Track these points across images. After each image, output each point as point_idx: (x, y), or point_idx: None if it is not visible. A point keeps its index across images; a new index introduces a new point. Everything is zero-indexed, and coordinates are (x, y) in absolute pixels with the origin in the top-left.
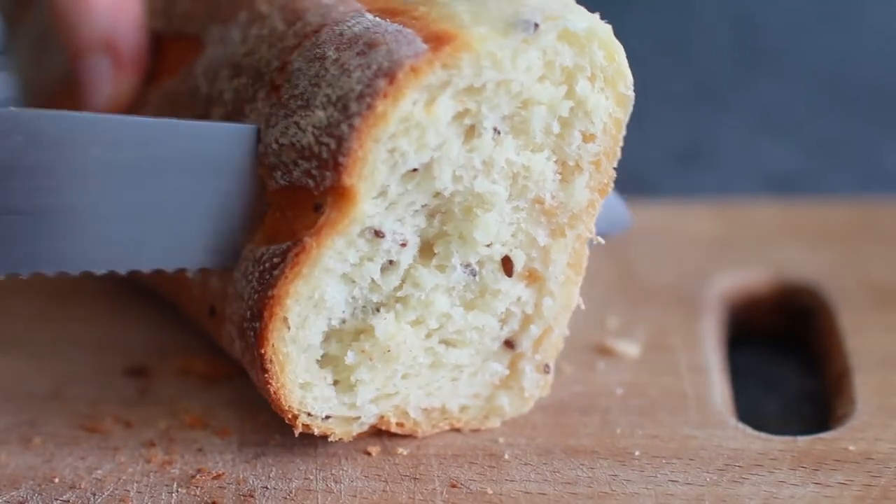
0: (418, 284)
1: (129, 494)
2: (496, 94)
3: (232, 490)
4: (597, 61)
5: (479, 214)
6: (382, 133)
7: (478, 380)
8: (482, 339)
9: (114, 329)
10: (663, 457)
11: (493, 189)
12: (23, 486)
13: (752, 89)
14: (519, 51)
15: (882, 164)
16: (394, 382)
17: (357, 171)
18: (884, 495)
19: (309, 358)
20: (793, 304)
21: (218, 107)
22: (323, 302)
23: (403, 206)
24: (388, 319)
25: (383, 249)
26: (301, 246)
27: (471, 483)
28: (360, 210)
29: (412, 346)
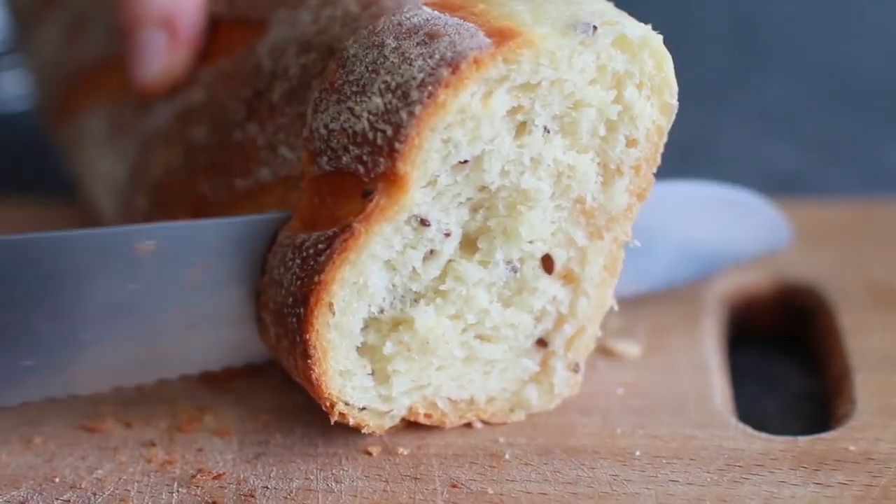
0: (461, 279)
1: (129, 494)
2: (550, 93)
3: (232, 490)
4: (646, 69)
5: (523, 211)
6: (440, 122)
7: (508, 375)
8: (516, 335)
9: None
10: (664, 457)
11: (538, 186)
12: (23, 486)
13: (753, 88)
14: (576, 52)
15: (882, 163)
16: (428, 374)
17: (412, 158)
18: (884, 495)
19: (349, 345)
20: (793, 304)
21: (282, 81)
22: (366, 288)
23: (450, 196)
24: (429, 312)
25: (427, 238)
26: (350, 231)
27: (471, 483)
28: (410, 198)
29: (449, 340)
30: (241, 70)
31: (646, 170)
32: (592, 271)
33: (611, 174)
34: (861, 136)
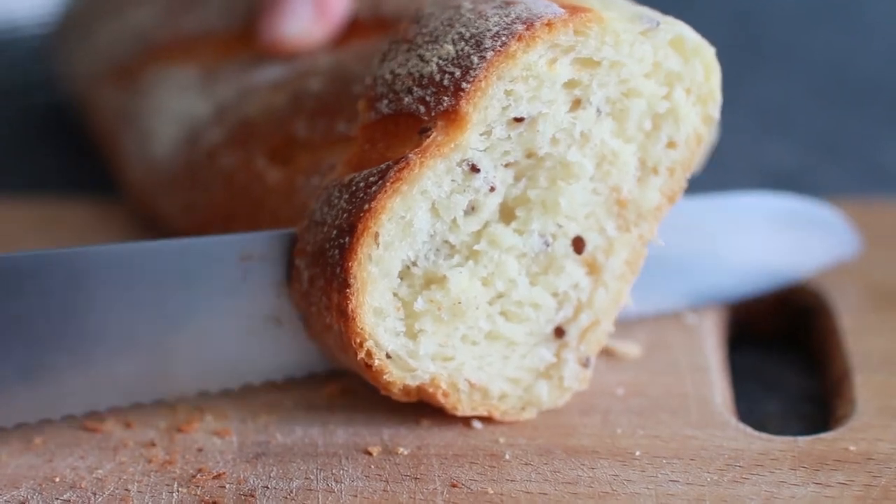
0: (495, 242)
1: (129, 494)
2: (608, 74)
3: (232, 490)
4: (696, 76)
5: (564, 186)
6: (508, 72)
7: (526, 362)
8: (538, 318)
9: None
10: (664, 457)
11: (582, 163)
12: (23, 486)
13: (752, 87)
14: (637, 40)
15: (882, 163)
16: (453, 343)
17: (475, 99)
18: (884, 496)
19: (387, 285)
20: (793, 305)
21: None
22: (410, 227)
23: (500, 153)
24: (463, 273)
25: (473, 187)
26: (405, 162)
27: (471, 483)
28: (466, 138)
29: (479, 305)
30: (377, 50)
31: (680, 174)
32: (616, 263)
33: (647, 171)
34: (861, 135)
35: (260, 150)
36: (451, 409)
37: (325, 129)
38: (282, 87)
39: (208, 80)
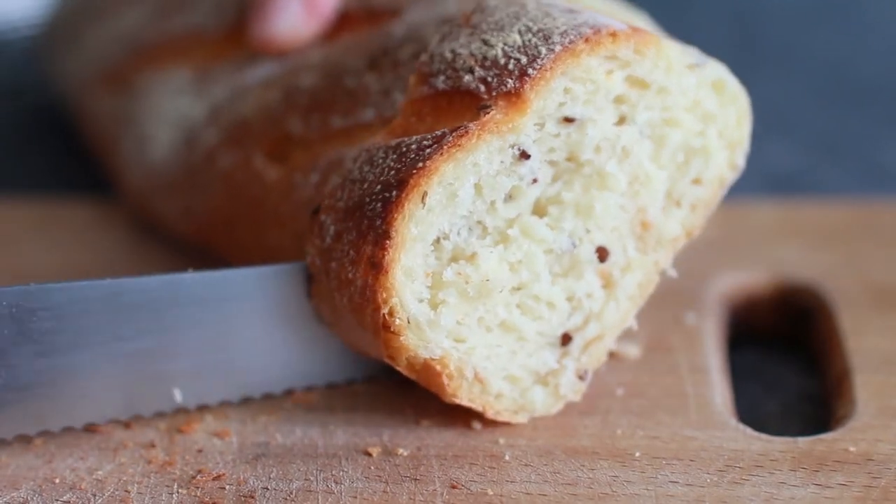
0: (528, 232)
1: (129, 495)
2: (655, 98)
3: (232, 491)
4: (729, 121)
5: (597, 194)
6: (571, 70)
7: (530, 362)
8: (551, 318)
9: None
10: (664, 458)
11: (618, 176)
12: (23, 487)
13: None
14: (685, 73)
15: (882, 163)
16: (469, 324)
17: (539, 87)
18: (884, 496)
19: (420, 250)
20: (793, 305)
21: (414, 43)
22: (455, 197)
23: (547, 148)
24: (494, 254)
25: (519, 173)
26: (464, 129)
27: (471, 484)
28: (524, 122)
29: (503, 289)
30: (366, 42)
31: (701, 211)
32: (630, 282)
33: (672, 201)
34: (861, 135)
35: (257, 149)
36: (449, 395)
37: (320, 124)
38: (274, 85)
39: (201, 82)
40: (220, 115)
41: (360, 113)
